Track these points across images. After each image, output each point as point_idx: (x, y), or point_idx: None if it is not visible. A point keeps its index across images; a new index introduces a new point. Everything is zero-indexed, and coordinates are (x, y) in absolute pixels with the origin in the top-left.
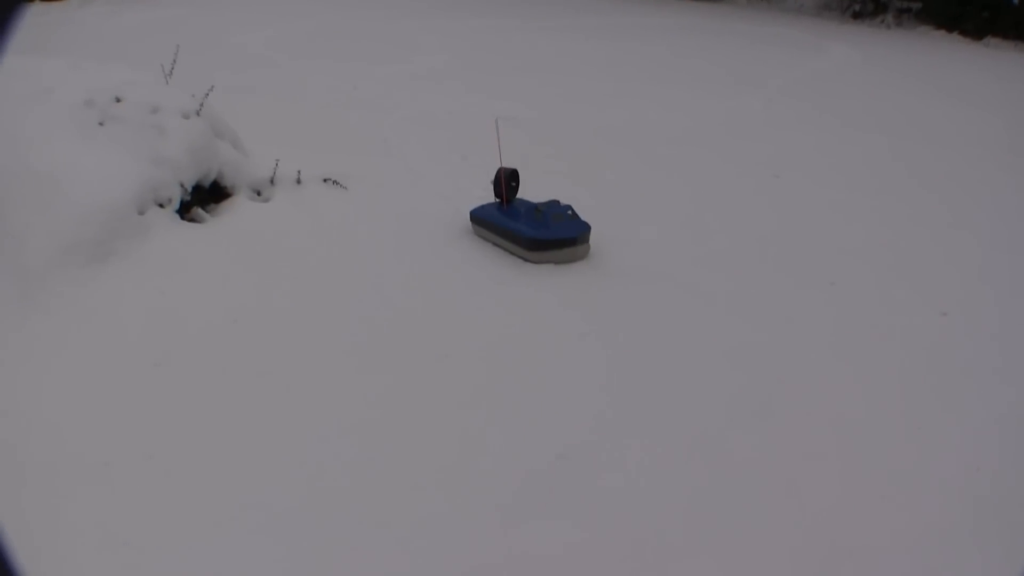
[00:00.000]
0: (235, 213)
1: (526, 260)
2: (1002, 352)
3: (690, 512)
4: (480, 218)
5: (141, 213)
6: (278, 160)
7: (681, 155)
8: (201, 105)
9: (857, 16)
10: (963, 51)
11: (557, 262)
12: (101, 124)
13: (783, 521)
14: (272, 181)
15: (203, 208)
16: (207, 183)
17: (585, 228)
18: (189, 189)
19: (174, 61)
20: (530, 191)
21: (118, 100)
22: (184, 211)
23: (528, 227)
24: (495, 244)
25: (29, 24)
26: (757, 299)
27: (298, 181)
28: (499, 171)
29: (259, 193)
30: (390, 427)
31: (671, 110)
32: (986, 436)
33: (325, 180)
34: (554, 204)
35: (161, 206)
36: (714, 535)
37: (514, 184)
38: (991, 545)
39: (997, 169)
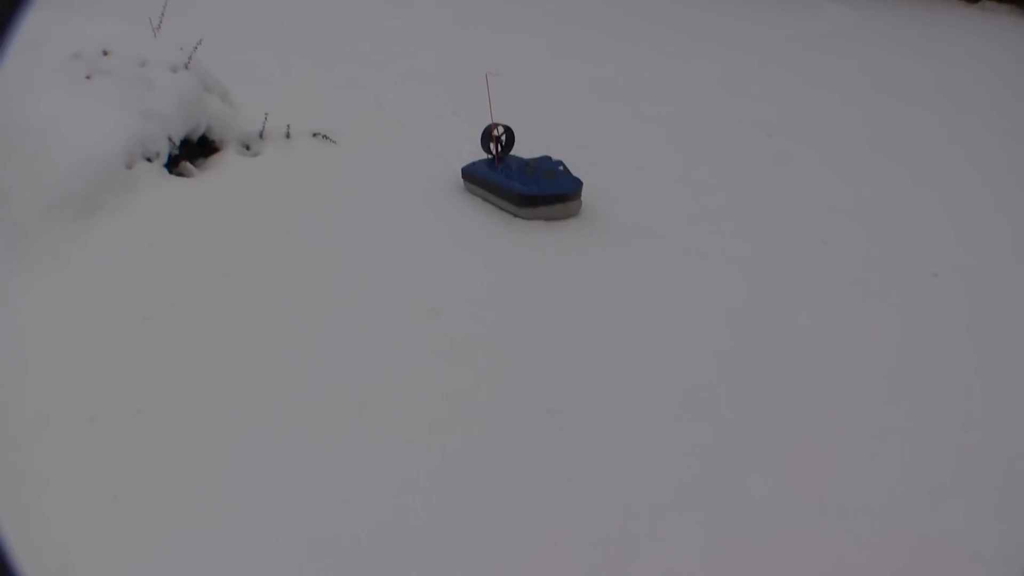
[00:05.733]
0: (224, 167)
1: (517, 217)
2: (992, 312)
3: (680, 470)
4: (471, 174)
5: (129, 167)
6: (267, 114)
7: (674, 113)
8: (189, 59)
9: None
10: (959, 13)
11: (548, 219)
12: (88, 78)
13: (772, 481)
14: (261, 135)
15: (192, 162)
16: (196, 137)
17: (577, 184)
18: (177, 143)
19: (162, 14)
20: (522, 147)
21: (106, 53)
22: (172, 165)
23: (519, 183)
24: (486, 201)
25: None
26: (749, 258)
27: (287, 136)
28: (486, 127)
29: (248, 147)
30: (379, 382)
31: (664, 68)
32: (975, 394)
33: (315, 135)
34: (546, 160)
35: (149, 160)
36: (703, 493)
37: (508, 140)
38: (979, 501)
39: (990, 132)
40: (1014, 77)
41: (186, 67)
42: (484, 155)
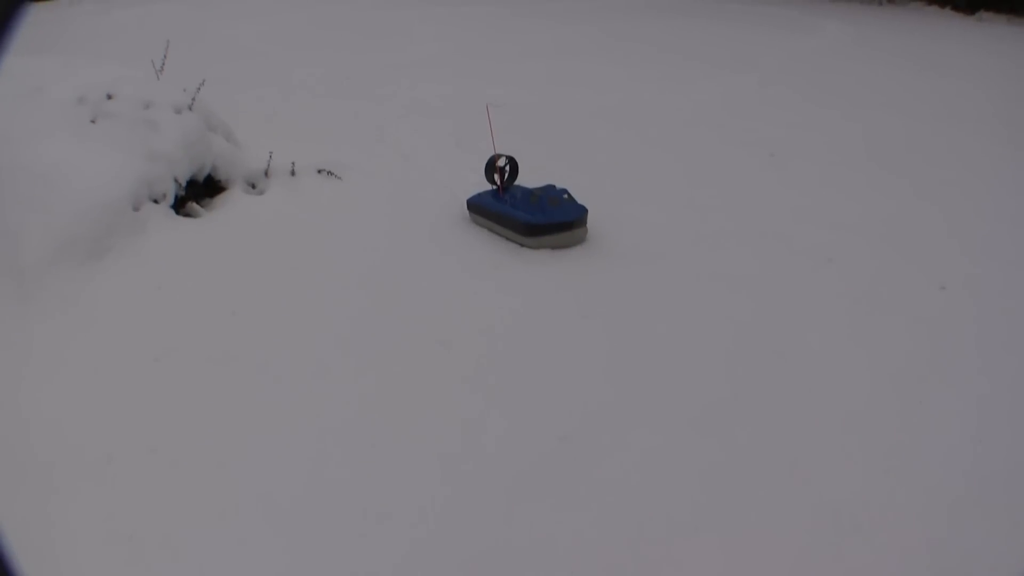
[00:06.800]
0: (230, 206)
1: (524, 246)
2: (1002, 324)
3: (695, 493)
4: (477, 205)
5: (136, 209)
6: (272, 152)
7: (677, 135)
8: (193, 99)
9: None
10: (956, 26)
11: (555, 247)
12: (93, 121)
13: (787, 499)
14: (266, 173)
15: (198, 202)
16: (201, 177)
17: (582, 211)
18: (184, 183)
19: (165, 56)
20: (526, 176)
21: (110, 97)
22: (179, 206)
23: (524, 212)
24: (492, 231)
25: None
26: (755, 277)
27: (292, 173)
28: (490, 158)
29: (254, 186)
30: (390, 415)
31: (665, 91)
32: (988, 408)
33: (319, 171)
34: (550, 188)
35: (156, 201)
36: (719, 514)
37: (511, 170)
38: (995, 513)
39: (991, 142)
40: (1013, 86)
41: (190, 108)
42: (489, 186)
